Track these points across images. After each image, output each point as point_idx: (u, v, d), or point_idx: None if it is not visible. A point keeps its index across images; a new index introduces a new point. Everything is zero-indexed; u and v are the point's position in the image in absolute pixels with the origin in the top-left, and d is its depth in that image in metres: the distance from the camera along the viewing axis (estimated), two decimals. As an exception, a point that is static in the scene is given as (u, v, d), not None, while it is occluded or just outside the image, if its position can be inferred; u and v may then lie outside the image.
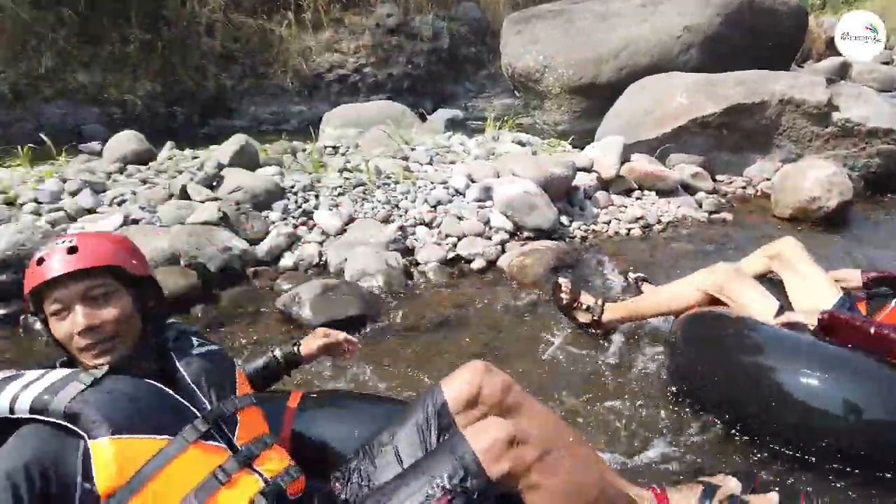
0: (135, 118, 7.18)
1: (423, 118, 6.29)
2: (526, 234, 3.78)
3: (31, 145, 4.58)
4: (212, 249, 3.32)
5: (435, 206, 3.94)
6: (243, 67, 8.38)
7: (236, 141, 4.20)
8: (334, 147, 5.04)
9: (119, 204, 3.70)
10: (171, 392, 1.32)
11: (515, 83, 7.28)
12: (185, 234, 3.36)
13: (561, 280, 2.74)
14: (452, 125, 6.04)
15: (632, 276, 3.09)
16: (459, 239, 3.70)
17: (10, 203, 3.60)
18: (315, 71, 8.66)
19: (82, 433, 1.19)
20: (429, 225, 3.81)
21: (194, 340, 1.49)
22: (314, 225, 3.76)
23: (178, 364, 1.40)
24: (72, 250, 1.31)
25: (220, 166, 4.00)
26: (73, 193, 3.71)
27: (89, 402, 1.22)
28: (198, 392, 1.36)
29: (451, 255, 3.60)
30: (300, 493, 1.37)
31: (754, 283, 2.29)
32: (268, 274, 3.45)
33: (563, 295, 2.69)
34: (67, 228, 3.40)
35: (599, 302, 2.65)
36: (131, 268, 1.39)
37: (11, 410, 1.21)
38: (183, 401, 1.32)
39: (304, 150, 4.86)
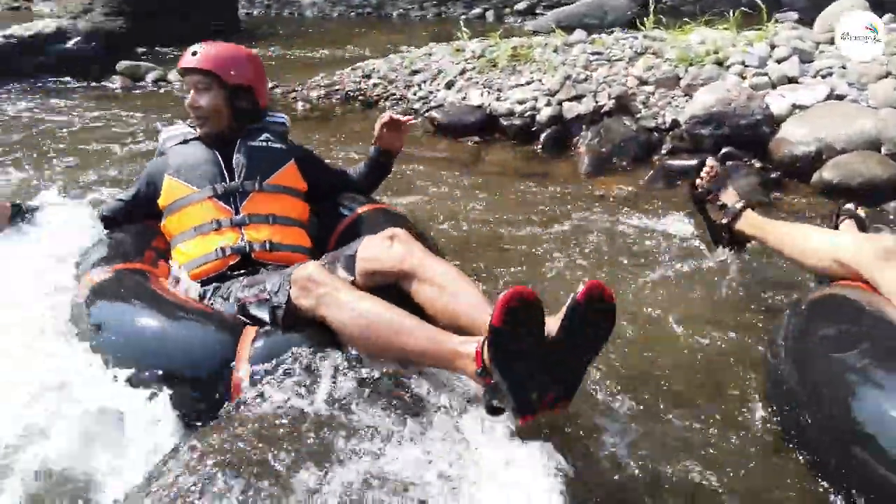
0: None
1: None
2: None
3: (743, 9, 4.67)
4: (926, 142, 2.82)
5: None
6: None
7: None
8: None
9: (824, 77, 3.47)
10: (221, 164, 1.95)
11: None
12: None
13: (709, 161, 2.18)
14: None
15: (849, 206, 2.08)
16: None
17: (719, 63, 3.79)
18: None
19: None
20: None
21: (264, 135, 2.03)
22: None
23: (235, 147, 1.98)
24: (194, 53, 1.95)
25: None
26: (779, 61, 3.64)
27: (175, 150, 2.02)
28: (234, 169, 1.95)
29: None
30: (269, 261, 1.85)
31: None
32: None
33: (701, 180, 2.16)
34: (767, 94, 3.39)
35: (739, 205, 2.08)
36: (227, 77, 1.95)
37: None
38: (224, 172, 1.94)
39: None
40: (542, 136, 3.78)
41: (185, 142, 2.03)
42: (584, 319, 1.24)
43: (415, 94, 4.60)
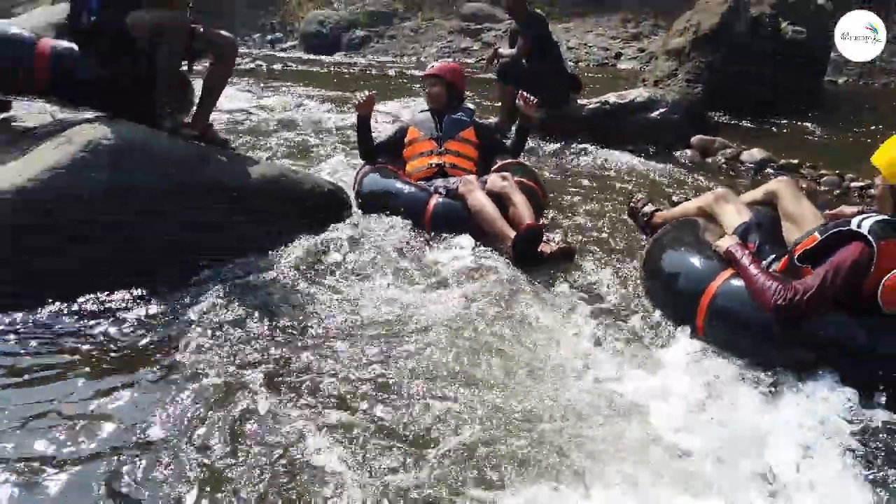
0: None
1: None
2: None
3: None
4: None
5: None
6: None
7: None
8: None
9: None
10: (436, 123, 3.97)
11: None
12: None
13: (637, 199, 3.71)
14: None
15: (648, 209, 3.61)
16: None
17: None
18: None
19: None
20: None
21: (459, 112, 4.02)
22: None
23: (444, 117, 3.98)
24: (432, 67, 4.17)
25: None
26: None
27: (416, 116, 4.16)
28: (442, 126, 3.97)
29: None
30: (452, 175, 3.76)
31: (735, 206, 2.93)
32: None
33: (631, 204, 3.71)
34: None
35: (650, 210, 3.55)
36: (446, 80, 4.06)
37: None
38: (437, 127, 3.96)
39: None
40: None
41: (422, 111, 4.10)
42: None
43: None
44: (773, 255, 2.60)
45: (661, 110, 5.51)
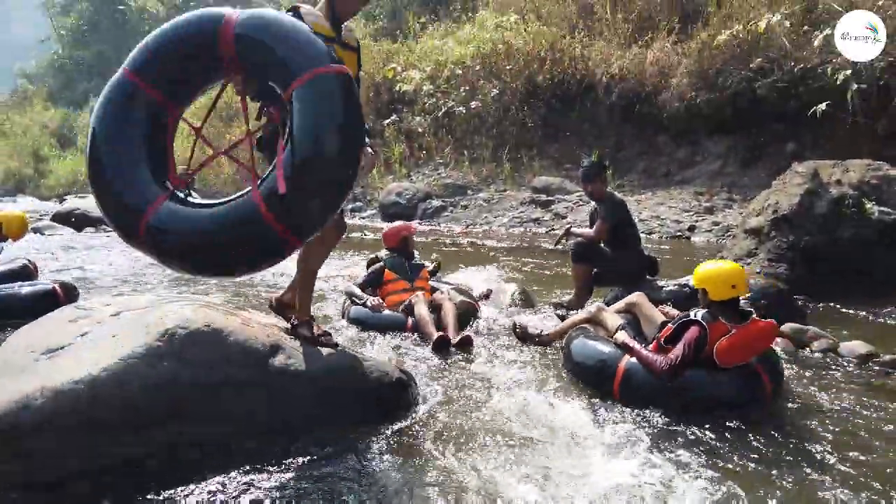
0: None
1: None
2: None
3: None
4: None
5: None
6: None
7: None
8: None
9: None
10: (406, 267, 5.72)
11: None
12: None
13: (517, 323, 5.01)
14: None
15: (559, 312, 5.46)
16: None
17: None
18: None
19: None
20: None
21: (416, 259, 5.93)
22: None
23: (409, 262, 5.80)
24: (410, 230, 6.02)
25: None
26: None
27: (388, 260, 5.82)
28: (410, 269, 5.72)
29: None
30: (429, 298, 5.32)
31: (610, 314, 4.23)
32: None
33: (518, 331, 4.91)
34: None
35: (538, 331, 4.86)
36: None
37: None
38: (407, 270, 5.71)
39: None
40: None
41: (390, 258, 5.76)
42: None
43: None
44: (644, 343, 3.86)
45: (747, 296, 5.24)
